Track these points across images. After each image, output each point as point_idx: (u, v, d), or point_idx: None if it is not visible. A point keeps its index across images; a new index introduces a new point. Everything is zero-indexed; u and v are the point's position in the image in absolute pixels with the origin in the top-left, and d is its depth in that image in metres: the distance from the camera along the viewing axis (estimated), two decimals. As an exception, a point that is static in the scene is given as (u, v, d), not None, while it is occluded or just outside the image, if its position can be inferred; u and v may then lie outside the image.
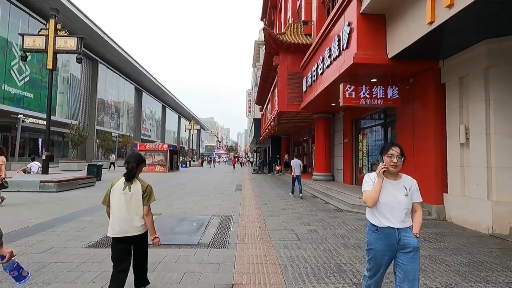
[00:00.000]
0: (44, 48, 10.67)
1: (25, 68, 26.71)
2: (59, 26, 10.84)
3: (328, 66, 8.28)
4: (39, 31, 10.93)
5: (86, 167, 13.58)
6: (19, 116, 22.80)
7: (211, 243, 4.37)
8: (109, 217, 2.51)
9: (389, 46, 6.24)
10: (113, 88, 42.68)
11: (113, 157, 23.19)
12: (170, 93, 63.64)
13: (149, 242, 2.60)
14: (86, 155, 34.97)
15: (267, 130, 17.36)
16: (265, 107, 21.98)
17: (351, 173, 11.08)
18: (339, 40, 7.31)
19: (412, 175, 2.36)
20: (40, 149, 28.87)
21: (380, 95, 7.02)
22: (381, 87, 7.03)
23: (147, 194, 2.54)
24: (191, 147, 54.05)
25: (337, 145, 12.59)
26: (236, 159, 29.98)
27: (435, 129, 6.36)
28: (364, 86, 7.02)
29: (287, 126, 17.54)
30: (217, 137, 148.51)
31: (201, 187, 12.44)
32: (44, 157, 10.73)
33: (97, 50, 35.91)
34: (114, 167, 23.62)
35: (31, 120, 26.18)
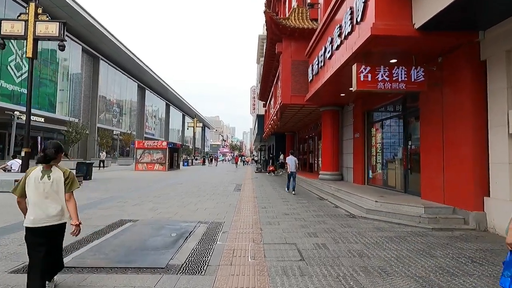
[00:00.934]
0: (23, 34, 9.72)
1: (23, 64, 26.08)
2: (40, 10, 9.85)
3: (338, 47, 7.09)
4: (18, 16, 9.98)
5: (76, 165, 12.65)
6: (14, 113, 22.12)
7: (184, 265, 3.27)
8: (20, 208, 2.49)
9: (415, 13, 5.03)
10: (115, 85, 42.02)
11: (103, 154, 22.09)
12: (174, 90, 62.94)
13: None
14: (87, 153, 34.38)
15: (270, 125, 16.22)
16: (268, 102, 20.83)
17: (363, 172, 9.86)
18: (351, 14, 6.12)
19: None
20: (39, 146, 28.25)
21: (401, 77, 5.80)
22: (403, 68, 5.82)
23: (69, 181, 2.53)
24: (195, 146, 53.23)
25: (347, 141, 11.38)
26: (239, 158, 28.55)
27: (473, 117, 5.14)
28: (382, 67, 5.82)
29: (291, 121, 16.37)
30: (222, 135, 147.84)
31: (197, 187, 11.39)
32: (23, 153, 9.80)
33: (97, 47, 35.23)
34: (104, 166, 22.70)
35: (34, 118, 25.55)
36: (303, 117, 15.03)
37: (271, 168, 19.91)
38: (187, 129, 58.92)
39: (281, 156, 21.75)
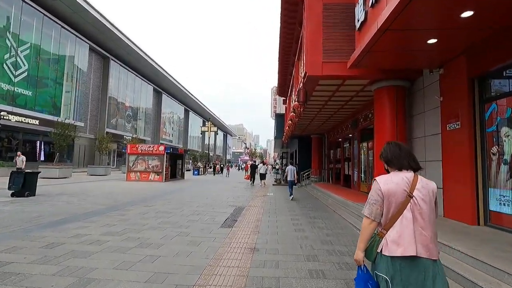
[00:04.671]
0: None
1: (22, 62, 23.99)
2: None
3: None
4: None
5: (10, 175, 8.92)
6: (1, 113, 19.59)
7: None
8: None
9: None
10: (128, 88, 39.84)
11: (20, 159, 15.52)
12: (193, 96, 60.50)
13: None
14: (95, 160, 31.87)
15: (290, 121, 11.64)
16: (288, 95, 16.30)
17: (473, 199, 4.94)
18: None
19: None
20: (37, 152, 25.94)
21: None
22: None
23: None
24: (215, 153, 49.69)
25: (420, 139, 6.53)
26: (253, 166, 19.15)
27: None
28: None
29: (322, 115, 11.69)
30: (245, 143, 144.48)
31: (168, 213, 7.08)
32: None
33: (107, 46, 33.11)
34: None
35: (24, 120, 23.22)
36: (339, 107, 10.28)
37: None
38: (201, 134, 55.87)
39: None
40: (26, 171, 9.16)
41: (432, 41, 4.62)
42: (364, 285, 1.63)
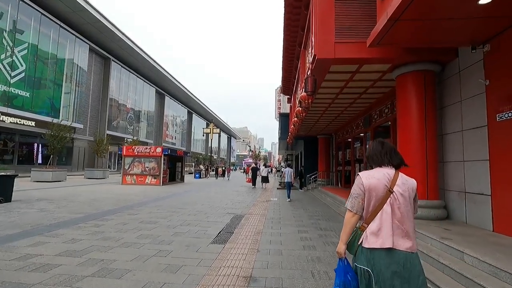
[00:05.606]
0: None
1: (19, 63, 23.35)
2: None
3: None
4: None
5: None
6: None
7: None
8: None
9: None
10: (130, 90, 39.18)
11: None
12: (197, 98, 59.80)
13: None
14: (95, 163, 31.08)
15: (296, 117, 10.51)
16: (293, 93, 15.20)
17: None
18: None
19: None
20: (35, 155, 25.22)
21: None
22: None
23: None
24: (219, 156, 48.71)
25: (456, 135, 5.36)
26: (254, 168, 18.03)
27: None
28: None
29: (330, 110, 10.59)
30: (249, 146, 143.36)
31: (154, 223, 6.02)
32: None
33: (108, 46, 32.48)
34: None
35: (19, 121, 22.53)
36: (351, 101, 9.15)
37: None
38: (203, 135, 54.97)
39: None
40: (0, 174, 8.18)
41: (485, 1, 3.49)
42: (344, 277, 1.68)
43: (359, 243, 1.66)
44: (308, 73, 6.22)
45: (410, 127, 5.62)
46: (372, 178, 1.70)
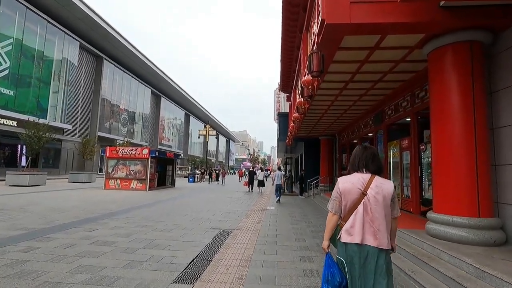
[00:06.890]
0: None
1: (3, 60, 21.96)
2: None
3: None
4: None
5: None
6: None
7: None
8: None
9: None
10: (124, 90, 37.82)
11: None
12: (194, 100, 58.51)
13: None
14: (86, 166, 29.51)
15: (297, 112, 9.05)
16: (293, 88, 13.78)
17: None
18: None
19: None
20: (19, 157, 23.71)
21: None
22: None
23: None
24: (217, 159, 47.24)
25: (514, 128, 3.92)
26: (249, 171, 18.52)
27: None
28: None
29: (335, 105, 9.17)
30: (248, 149, 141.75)
31: (80, 259, 4.54)
32: None
33: (100, 45, 31.18)
34: None
35: (1, 121, 21.07)
36: (363, 93, 7.71)
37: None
38: (198, 137, 53.52)
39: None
40: None
41: None
42: (328, 270, 1.88)
43: (338, 238, 1.89)
44: (314, 48, 4.77)
45: (452, 119, 4.18)
46: (347, 182, 1.91)
